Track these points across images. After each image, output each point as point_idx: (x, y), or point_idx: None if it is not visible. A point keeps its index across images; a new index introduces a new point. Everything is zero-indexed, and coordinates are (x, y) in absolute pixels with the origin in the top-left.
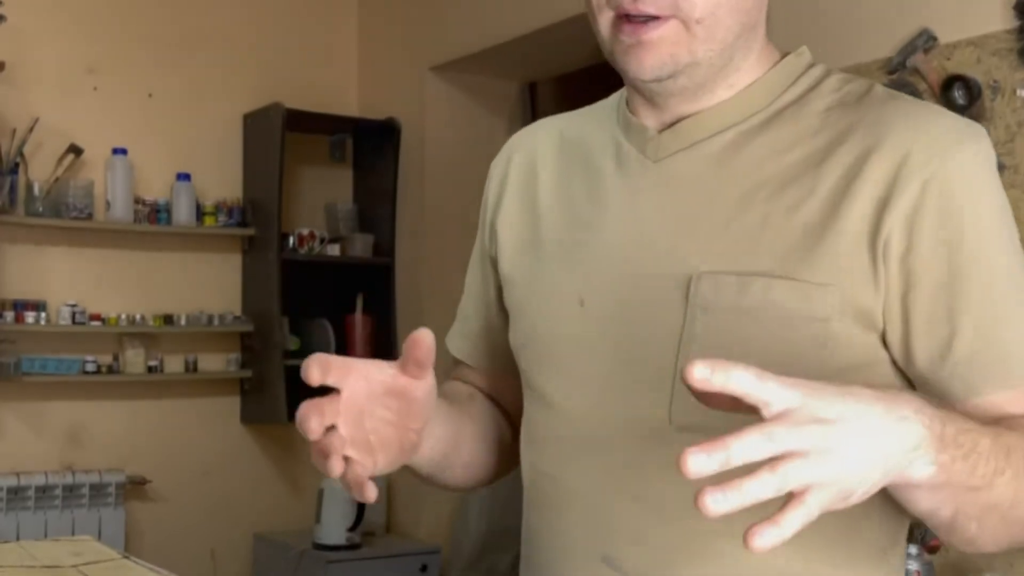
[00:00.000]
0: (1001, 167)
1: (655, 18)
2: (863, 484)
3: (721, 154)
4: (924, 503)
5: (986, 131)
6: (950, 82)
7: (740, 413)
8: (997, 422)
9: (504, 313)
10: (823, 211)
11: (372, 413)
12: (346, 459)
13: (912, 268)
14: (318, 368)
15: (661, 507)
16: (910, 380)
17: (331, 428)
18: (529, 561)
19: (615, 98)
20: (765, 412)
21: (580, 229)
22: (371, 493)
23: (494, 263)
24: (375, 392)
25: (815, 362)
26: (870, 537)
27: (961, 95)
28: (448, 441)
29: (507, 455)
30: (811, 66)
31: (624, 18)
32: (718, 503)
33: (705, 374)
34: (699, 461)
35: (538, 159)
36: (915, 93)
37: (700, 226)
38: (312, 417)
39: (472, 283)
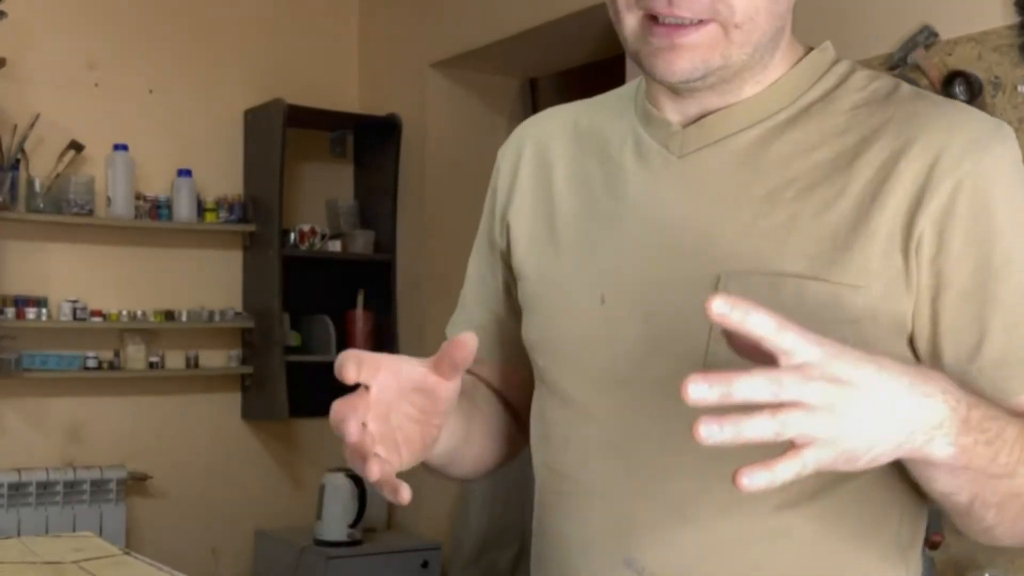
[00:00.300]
0: None
1: (688, 21)
2: (871, 451)
3: (747, 151)
4: (942, 484)
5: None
6: (951, 78)
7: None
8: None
9: (513, 305)
10: (854, 212)
11: (398, 410)
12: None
13: (942, 269)
14: (354, 365)
15: (685, 509)
16: None
17: (362, 426)
18: (543, 560)
19: (630, 88)
20: (783, 361)
21: (599, 222)
22: (405, 494)
23: (505, 255)
24: (404, 388)
25: None
26: (892, 536)
27: (962, 91)
28: (460, 435)
29: (510, 445)
30: (836, 62)
31: (653, 19)
32: (712, 433)
33: (724, 309)
34: (699, 388)
35: (551, 148)
36: None
37: (726, 224)
38: (350, 419)
39: (476, 272)
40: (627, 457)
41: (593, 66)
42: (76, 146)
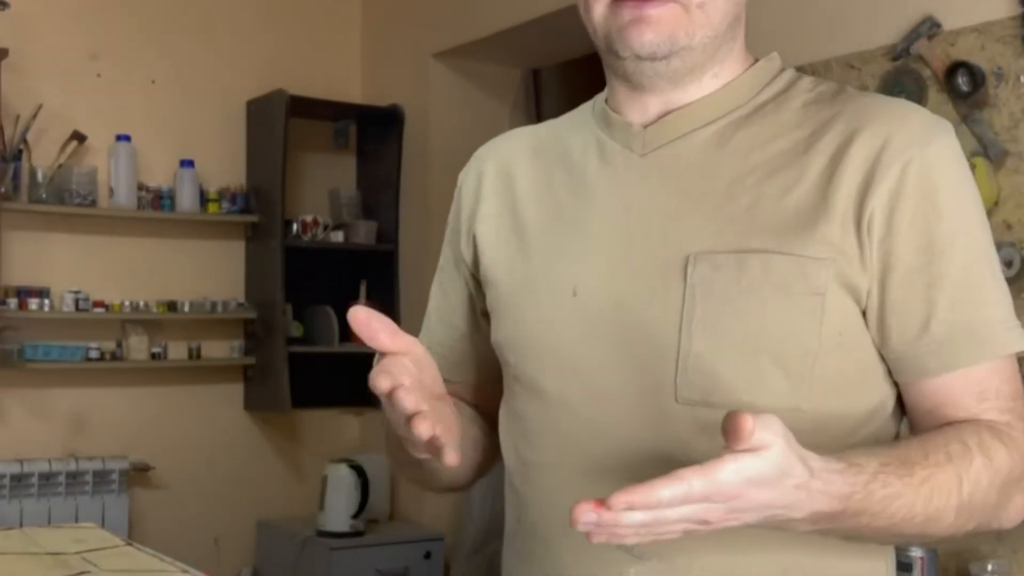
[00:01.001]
0: (1005, 153)
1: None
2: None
3: (707, 145)
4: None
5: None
6: (954, 69)
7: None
8: (944, 436)
9: (477, 321)
10: (812, 196)
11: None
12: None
13: (890, 249)
14: (386, 382)
15: None
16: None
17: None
18: (525, 556)
19: (588, 106)
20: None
21: (566, 224)
22: (452, 456)
23: (471, 268)
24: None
25: (812, 335)
26: None
27: (965, 82)
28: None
29: (486, 453)
30: (783, 70)
31: (620, 2)
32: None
33: (590, 519)
34: (588, 518)
35: (513, 164)
36: (919, 80)
37: (692, 211)
38: (407, 395)
39: (440, 293)
40: (607, 440)
41: (595, 57)
42: (78, 137)
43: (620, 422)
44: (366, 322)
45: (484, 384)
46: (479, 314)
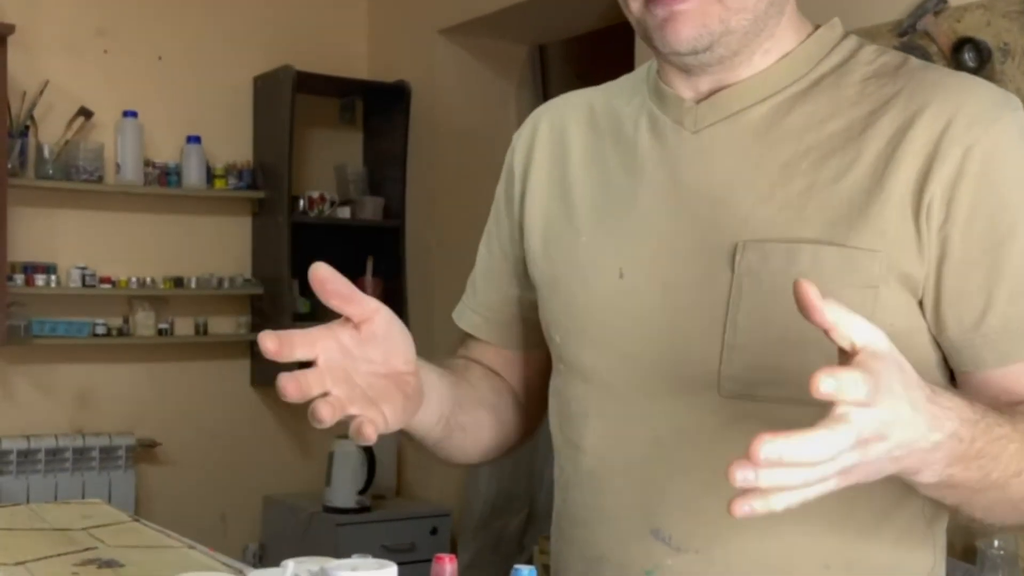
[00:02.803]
0: None
1: None
2: (876, 476)
3: (761, 124)
4: (928, 493)
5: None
6: (960, 45)
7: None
8: None
9: (527, 285)
10: (868, 180)
11: (357, 370)
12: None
13: (949, 236)
14: (273, 340)
15: (711, 478)
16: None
17: (325, 395)
18: (567, 537)
19: (643, 70)
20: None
21: (615, 200)
22: (370, 433)
23: (520, 236)
24: (351, 348)
25: None
26: (916, 509)
27: (971, 58)
28: (451, 397)
29: (514, 425)
30: (844, 37)
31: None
32: (743, 509)
33: (749, 477)
34: (746, 475)
35: (567, 131)
36: (925, 56)
37: (742, 196)
38: (289, 383)
39: (487, 256)
40: (649, 429)
41: (601, 33)
42: (85, 113)
43: (662, 409)
44: (322, 281)
45: (528, 350)
46: (528, 278)
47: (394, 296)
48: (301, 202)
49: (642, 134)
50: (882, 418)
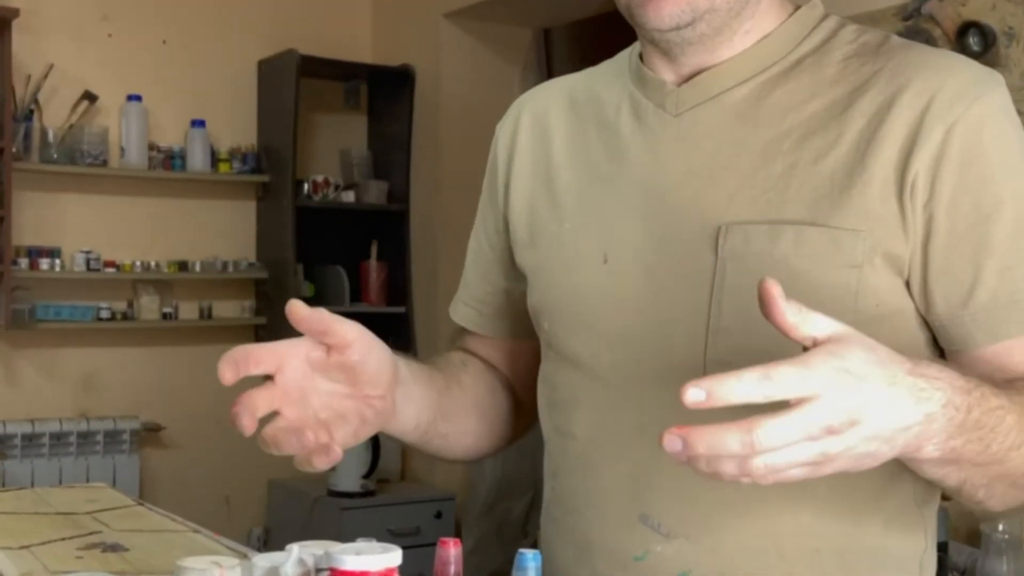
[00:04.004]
0: (1017, 113)
1: None
2: (862, 467)
3: (742, 105)
4: (930, 473)
5: (1002, 77)
6: (965, 28)
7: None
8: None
9: (516, 275)
10: (850, 159)
11: (318, 389)
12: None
13: (934, 213)
14: (230, 367)
15: None
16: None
17: (275, 414)
18: (557, 523)
19: (625, 55)
20: (792, 401)
21: (598, 185)
22: (329, 459)
23: (506, 225)
24: (318, 369)
25: (847, 310)
26: (908, 492)
27: (976, 42)
28: (432, 407)
29: (508, 424)
30: (825, 17)
31: None
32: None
33: (699, 398)
34: (675, 444)
35: (549, 118)
36: (930, 40)
37: (725, 177)
38: (243, 415)
39: (476, 248)
40: (637, 414)
41: (606, 17)
42: (90, 96)
43: (648, 394)
44: (298, 321)
45: (522, 341)
46: (518, 268)
47: (398, 280)
48: (305, 186)
49: (624, 118)
50: (845, 405)
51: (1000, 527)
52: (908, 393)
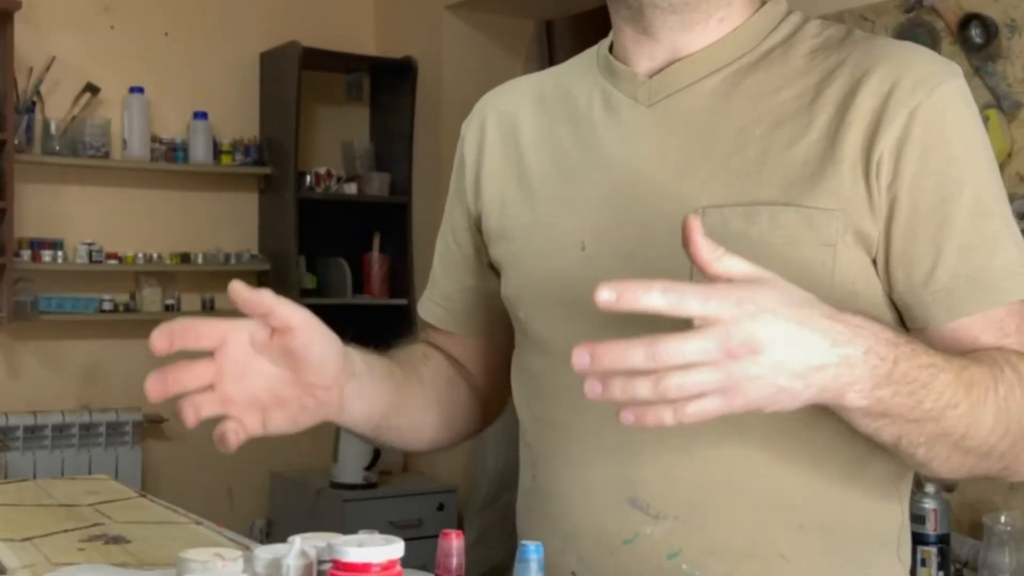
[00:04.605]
0: (1018, 105)
1: None
2: (777, 404)
3: (713, 95)
4: (862, 426)
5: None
6: (967, 21)
7: None
8: (972, 353)
9: (483, 273)
10: (821, 144)
11: (260, 370)
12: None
13: (897, 194)
14: (164, 338)
15: (686, 444)
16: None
17: (209, 388)
18: (538, 514)
19: (591, 52)
20: (695, 323)
21: (572, 176)
22: (232, 442)
23: (477, 221)
24: (258, 350)
25: (823, 287)
26: (880, 471)
27: (978, 33)
28: (386, 402)
29: (466, 418)
30: (789, 13)
31: None
32: (594, 393)
33: (609, 297)
34: (582, 358)
35: (517, 114)
36: (933, 32)
37: (699, 163)
38: (154, 386)
39: (443, 248)
40: None
41: (607, 9)
42: (92, 88)
43: None
44: (242, 303)
45: (491, 336)
46: (486, 266)
47: (400, 272)
48: (308, 178)
49: (596, 110)
50: (745, 330)
51: (1003, 519)
52: (821, 335)
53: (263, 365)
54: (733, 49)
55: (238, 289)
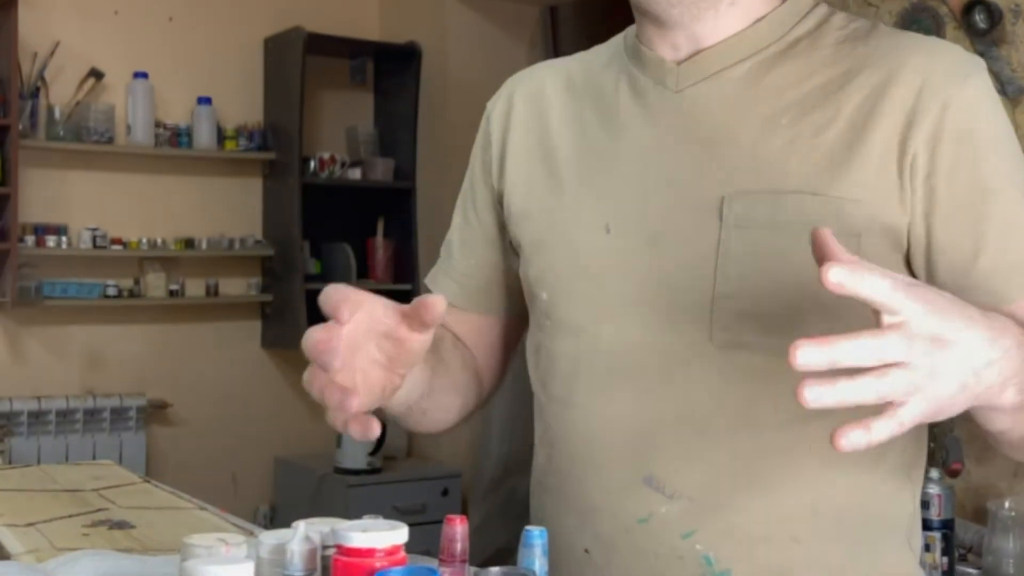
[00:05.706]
0: (1022, 90)
1: None
2: (954, 406)
3: (741, 83)
4: (1000, 423)
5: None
6: (971, 6)
7: None
8: None
9: (503, 251)
10: (848, 133)
11: (365, 350)
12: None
13: (935, 187)
14: (347, 307)
15: (704, 426)
16: None
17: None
18: (554, 492)
19: (619, 38)
20: (885, 319)
21: (598, 159)
22: (375, 429)
23: (501, 199)
24: (375, 331)
25: None
26: (895, 459)
27: (982, 19)
28: (422, 389)
29: (473, 399)
30: (816, 4)
31: None
32: (816, 396)
33: (841, 278)
34: (807, 353)
35: (545, 95)
36: (936, 17)
37: (726, 150)
38: (336, 351)
39: (463, 223)
40: (639, 379)
41: None
42: (96, 74)
43: (653, 363)
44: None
45: (502, 315)
46: (508, 244)
47: (404, 257)
48: (312, 163)
49: (623, 95)
50: (935, 324)
51: (1007, 505)
52: (983, 333)
53: (369, 347)
54: (759, 39)
55: (437, 307)
